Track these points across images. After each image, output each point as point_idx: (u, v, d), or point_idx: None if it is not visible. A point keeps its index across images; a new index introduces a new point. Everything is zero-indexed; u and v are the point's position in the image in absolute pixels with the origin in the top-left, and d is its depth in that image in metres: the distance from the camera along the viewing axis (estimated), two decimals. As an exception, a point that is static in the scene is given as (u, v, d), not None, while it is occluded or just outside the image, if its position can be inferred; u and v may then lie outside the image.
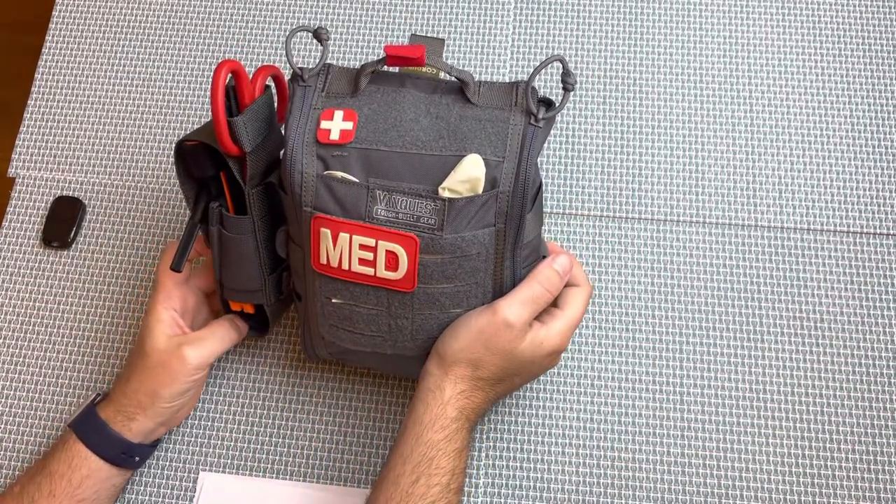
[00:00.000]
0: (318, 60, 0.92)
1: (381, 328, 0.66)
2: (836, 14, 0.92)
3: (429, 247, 0.62)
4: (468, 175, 0.61)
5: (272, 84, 0.71)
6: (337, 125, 0.62)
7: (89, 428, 0.70)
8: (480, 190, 0.61)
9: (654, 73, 0.90)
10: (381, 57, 0.64)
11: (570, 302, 0.69)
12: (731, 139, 0.87)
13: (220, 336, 0.73)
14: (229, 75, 0.64)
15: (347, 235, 0.62)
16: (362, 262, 0.63)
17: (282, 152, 0.65)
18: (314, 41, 0.92)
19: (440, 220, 0.61)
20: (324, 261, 0.64)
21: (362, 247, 0.63)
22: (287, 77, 0.69)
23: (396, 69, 0.74)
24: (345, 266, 0.64)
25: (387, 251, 0.62)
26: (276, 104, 0.71)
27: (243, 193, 0.68)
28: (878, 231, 0.84)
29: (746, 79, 0.89)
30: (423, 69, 0.70)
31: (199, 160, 0.68)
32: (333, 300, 0.66)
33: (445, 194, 0.61)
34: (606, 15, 0.92)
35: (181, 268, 0.70)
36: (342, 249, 0.63)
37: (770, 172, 0.86)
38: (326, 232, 0.63)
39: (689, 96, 0.89)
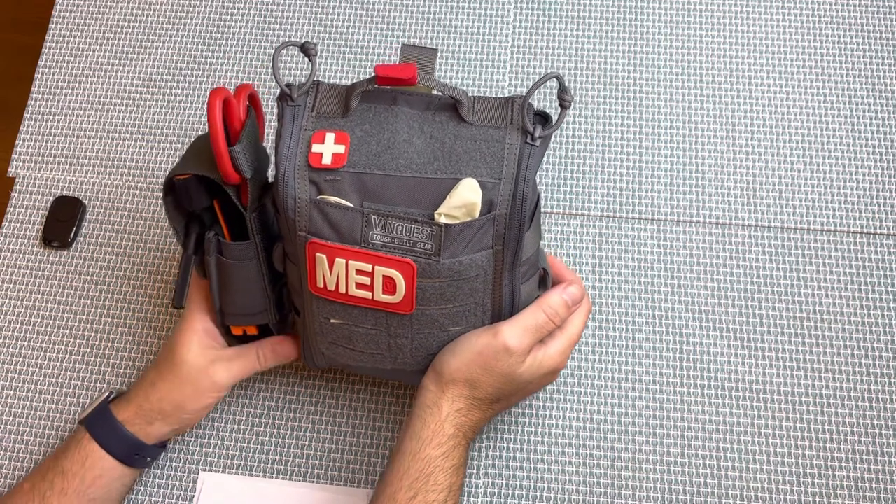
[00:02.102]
0: (306, 73, 0.92)
1: (380, 347, 0.66)
2: (836, 14, 0.92)
3: (426, 272, 0.61)
4: (464, 200, 0.60)
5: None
6: (329, 148, 0.61)
7: (104, 427, 0.70)
8: (477, 214, 0.60)
9: (654, 74, 0.90)
10: (371, 76, 0.62)
11: (570, 320, 0.68)
12: (731, 139, 0.87)
13: (250, 360, 0.73)
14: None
15: (343, 261, 0.61)
16: (360, 286, 0.62)
17: (271, 173, 0.64)
18: (315, 41, 0.92)
19: (437, 246, 0.60)
20: (321, 284, 0.63)
21: (359, 272, 0.62)
22: (262, 93, 0.67)
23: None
24: (342, 290, 0.63)
25: (384, 276, 0.61)
26: None
27: (240, 219, 0.67)
28: (878, 231, 0.84)
29: (746, 79, 0.89)
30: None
31: (191, 193, 0.66)
32: (332, 320, 0.65)
33: (442, 220, 0.60)
34: (606, 15, 0.92)
35: (183, 304, 0.69)
36: (339, 274, 0.62)
37: (770, 172, 0.86)
38: (322, 257, 0.62)
39: (689, 96, 0.89)
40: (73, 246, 0.85)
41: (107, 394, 0.74)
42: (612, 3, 0.93)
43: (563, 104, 0.61)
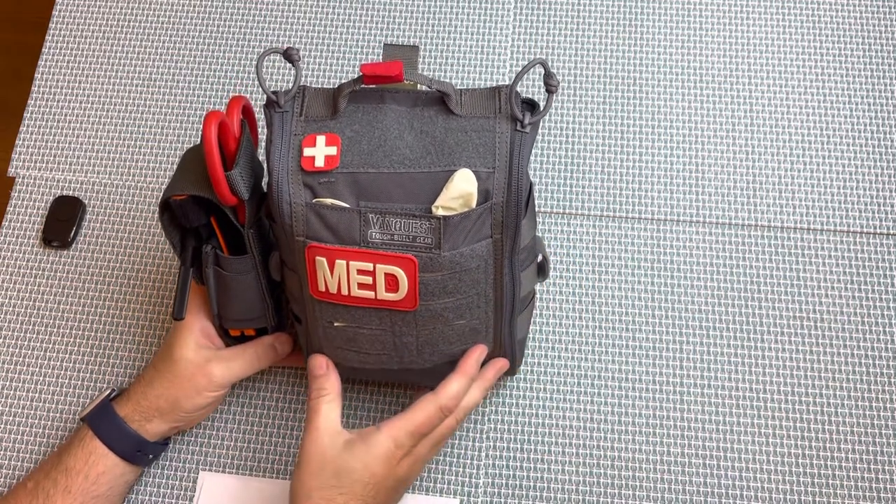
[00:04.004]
0: (292, 80, 0.92)
1: (386, 347, 0.66)
2: (836, 14, 0.92)
3: (427, 266, 0.61)
4: (460, 191, 0.60)
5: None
6: (321, 151, 0.61)
7: (107, 424, 0.71)
8: (474, 204, 0.60)
9: (654, 73, 0.90)
10: (357, 76, 0.62)
11: (415, 404, 0.66)
12: (731, 139, 0.87)
13: (247, 359, 0.73)
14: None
15: (344, 262, 0.61)
16: (362, 286, 0.62)
17: (265, 182, 0.64)
18: (310, 45, 0.93)
19: (437, 239, 0.60)
20: (322, 288, 0.63)
21: (360, 272, 0.61)
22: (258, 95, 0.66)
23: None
24: (344, 291, 0.62)
25: (386, 274, 0.61)
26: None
27: (237, 232, 0.67)
28: (878, 231, 0.84)
29: (746, 79, 0.89)
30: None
31: (188, 212, 0.66)
32: (336, 324, 0.65)
33: (439, 212, 0.60)
34: (606, 15, 0.92)
35: (183, 315, 0.69)
36: (340, 276, 0.62)
37: (770, 172, 0.86)
38: (322, 260, 0.61)
39: (689, 96, 0.89)
40: (73, 246, 0.85)
41: (108, 391, 0.74)
42: (612, 3, 0.93)
43: (550, 89, 0.61)
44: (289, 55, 0.63)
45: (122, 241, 0.85)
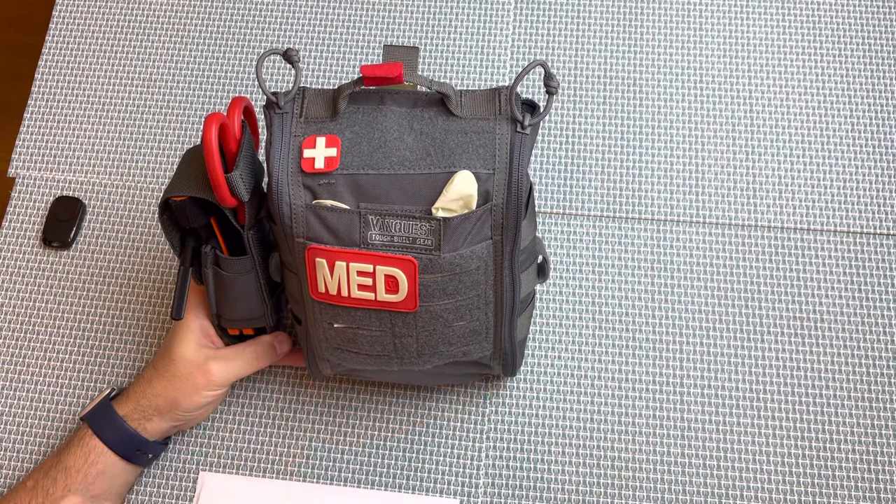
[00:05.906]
0: (292, 81, 0.92)
1: (385, 348, 0.66)
2: (836, 14, 0.92)
3: (427, 267, 0.61)
4: (460, 193, 0.60)
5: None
6: (320, 153, 0.61)
7: (106, 423, 0.71)
8: (474, 206, 0.60)
9: (654, 73, 0.90)
10: (357, 77, 0.62)
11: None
12: (731, 139, 0.87)
13: (246, 359, 0.73)
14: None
15: (344, 263, 0.61)
16: (362, 287, 0.62)
17: (265, 183, 0.64)
18: (311, 45, 0.93)
19: (437, 241, 0.60)
20: (322, 289, 0.63)
21: (360, 273, 0.61)
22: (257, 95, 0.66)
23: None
24: (344, 293, 0.63)
25: (386, 275, 0.61)
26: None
27: (237, 234, 0.67)
28: (878, 231, 0.84)
29: (746, 79, 0.89)
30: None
31: (188, 213, 0.66)
32: (335, 325, 0.65)
33: (440, 214, 0.60)
34: (606, 15, 0.93)
35: (181, 315, 0.69)
36: (340, 277, 0.62)
37: (770, 172, 0.86)
38: (322, 262, 0.61)
39: (689, 96, 0.89)
40: (73, 246, 0.85)
41: (108, 390, 0.74)
42: (612, 3, 0.93)
43: (550, 90, 0.61)
44: (288, 56, 0.63)
45: (122, 241, 0.85)
